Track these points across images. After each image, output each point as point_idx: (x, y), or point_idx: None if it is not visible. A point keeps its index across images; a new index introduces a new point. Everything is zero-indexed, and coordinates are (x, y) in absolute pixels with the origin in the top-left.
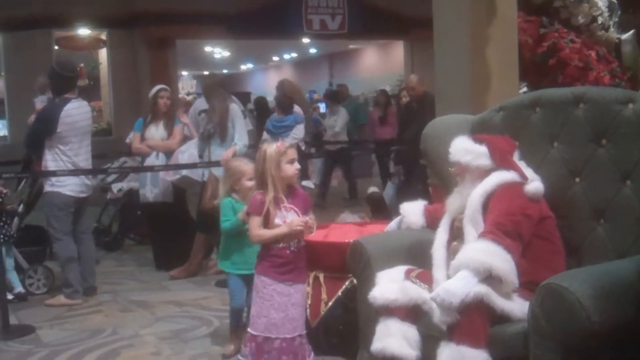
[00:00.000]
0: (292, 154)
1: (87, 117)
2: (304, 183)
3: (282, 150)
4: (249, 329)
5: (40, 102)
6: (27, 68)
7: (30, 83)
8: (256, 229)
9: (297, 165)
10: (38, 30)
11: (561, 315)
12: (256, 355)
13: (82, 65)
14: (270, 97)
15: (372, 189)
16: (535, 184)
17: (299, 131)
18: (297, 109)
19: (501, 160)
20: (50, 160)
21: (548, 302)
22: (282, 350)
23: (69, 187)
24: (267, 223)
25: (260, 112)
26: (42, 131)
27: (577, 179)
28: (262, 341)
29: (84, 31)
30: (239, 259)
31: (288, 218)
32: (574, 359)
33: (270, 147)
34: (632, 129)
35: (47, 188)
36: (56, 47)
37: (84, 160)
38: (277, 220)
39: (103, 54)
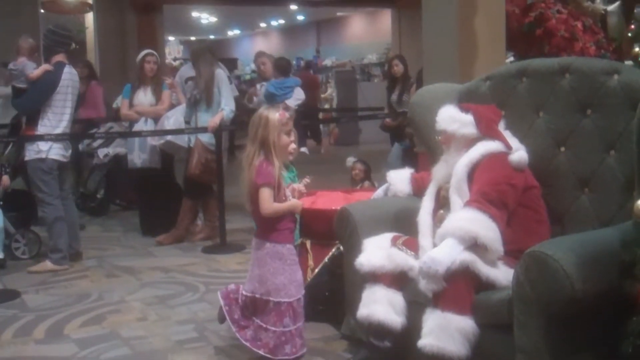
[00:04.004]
0: (290, 125)
1: (77, 85)
2: (302, 149)
3: (284, 120)
4: (280, 300)
5: (31, 67)
6: (13, 32)
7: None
8: (270, 202)
9: (292, 137)
10: None
11: (545, 282)
12: (295, 319)
13: None
14: None
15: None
16: (519, 154)
17: (300, 93)
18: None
19: (487, 130)
20: (40, 126)
21: (532, 269)
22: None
23: (53, 151)
24: (276, 194)
25: None
26: (44, 94)
27: (562, 149)
28: (296, 304)
29: None
30: None
31: (288, 190)
32: (557, 325)
33: (273, 114)
34: (617, 100)
35: (33, 155)
36: (42, 11)
37: (67, 127)
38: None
39: (89, 18)
